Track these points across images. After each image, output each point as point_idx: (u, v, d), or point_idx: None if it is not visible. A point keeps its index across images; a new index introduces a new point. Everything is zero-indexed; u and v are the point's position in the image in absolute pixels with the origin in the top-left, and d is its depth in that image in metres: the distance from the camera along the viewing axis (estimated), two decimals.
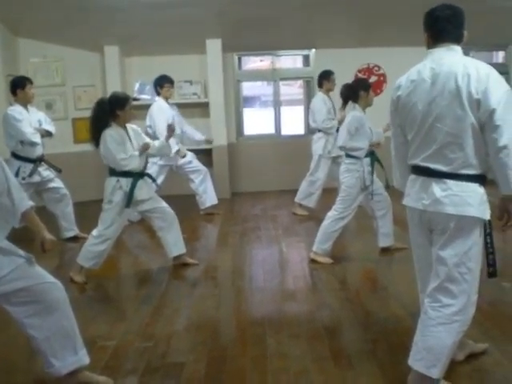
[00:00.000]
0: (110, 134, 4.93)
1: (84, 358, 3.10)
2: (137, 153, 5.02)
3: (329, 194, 6.89)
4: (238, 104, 9.52)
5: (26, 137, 6.01)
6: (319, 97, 7.55)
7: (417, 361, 2.79)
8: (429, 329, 2.77)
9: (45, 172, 6.24)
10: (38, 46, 8.41)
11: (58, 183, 6.43)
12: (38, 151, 6.15)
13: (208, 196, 7.70)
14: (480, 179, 2.71)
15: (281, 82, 9.72)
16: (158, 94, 7.45)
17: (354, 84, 5.61)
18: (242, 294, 4.73)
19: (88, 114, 5.11)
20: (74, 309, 4.33)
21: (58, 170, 6.30)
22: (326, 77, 7.57)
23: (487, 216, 2.72)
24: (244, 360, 3.43)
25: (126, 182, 4.99)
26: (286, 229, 6.86)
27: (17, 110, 6.10)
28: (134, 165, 4.98)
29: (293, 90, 11.09)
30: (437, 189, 2.72)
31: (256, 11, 7.87)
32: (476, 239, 2.72)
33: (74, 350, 3.06)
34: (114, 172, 5.02)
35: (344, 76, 7.50)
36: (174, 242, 5.37)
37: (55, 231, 6.55)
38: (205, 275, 5.25)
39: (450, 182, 2.69)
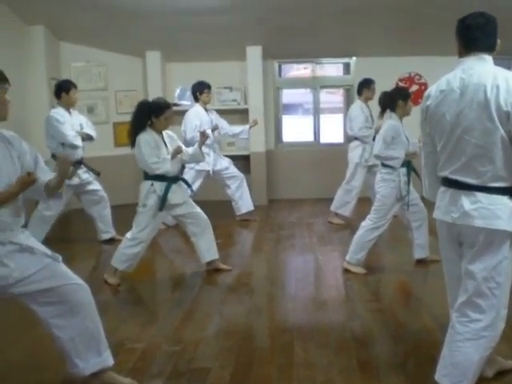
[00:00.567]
0: (145, 137, 4.99)
1: (108, 360, 3.13)
2: (169, 156, 5.05)
3: (365, 202, 6.82)
4: (277, 111, 9.52)
5: (67, 139, 6.13)
6: (357, 104, 7.51)
7: (443, 376, 2.74)
8: (456, 344, 2.71)
9: (84, 175, 6.35)
10: (80, 50, 8.58)
11: (96, 186, 6.54)
12: (79, 154, 6.26)
13: (244, 202, 7.71)
14: (510, 192, 2.64)
15: (321, 90, 9.69)
16: (196, 99, 7.50)
17: (393, 92, 5.54)
18: (272, 301, 4.72)
19: (129, 118, 5.18)
20: (105, 310, 4.43)
21: (97, 173, 6.40)
22: (366, 85, 7.51)
23: None
24: (270, 367, 3.42)
25: (159, 186, 5.04)
26: (320, 237, 6.82)
27: (59, 113, 6.24)
28: (165, 168, 5.01)
29: (333, 98, 11.03)
30: (466, 201, 2.66)
31: (296, 18, 7.87)
32: (506, 253, 2.65)
33: (98, 352, 3.09)
34: (148, 176, 5.07)
35: (384, 85, 7.42)
36: (207, 248, 5.39)
37: (92, 233, 6.70)
38: (237, 281, 5.25)
39: (480, 195, 2.63)
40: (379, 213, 5.30)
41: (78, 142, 6.20)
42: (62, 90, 6.28)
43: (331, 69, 10.19)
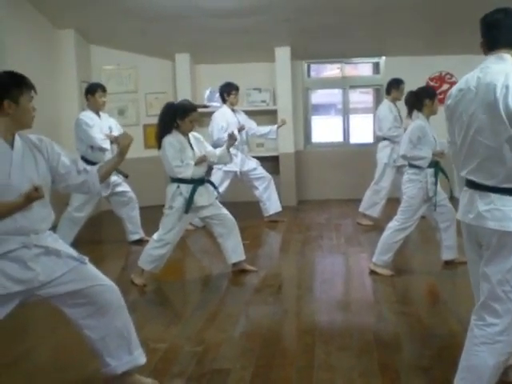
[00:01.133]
0: (170, 140, 5.03)
1: (139, 358, 3.17)
2: (192, 162, 5.08)
3: (394, 203, 6.74)
4: (306, 112, 9.51)
5: (95, 142, 6.21)
6: (385, 105, 7.44)
7: (460, 380, 2.70)
8: (473, 348, 2.67)
9: (112, 177, 6.40)
10: (111, 53, 8.71)
11: (125, 187, 6.62)
12: (107, 157, 6.32)
13: (272, 203, 7.72)
14: None
15: (350, 90, 9.64)
16: (224, 101, 7.54)
17: (419, 92, 5.46)
18: (297, 302, 4.71)
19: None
20: (131, 311, 4.44)
21: (125, 176, 6.45)
22: (395, 85, 7.45)
23: None
24: (290, 369, 3.42)
25: (185, 188, 5.07)
26: (348, 238, 6.78)
27: (88, 116, 6.33)
28: (187, 173, 5.05)
29: (362, 97, 10.95)
30: (480, 203, 2.62)
31: (324, 18, 7.84)
32: None
33: (129, 350, 3.13)
34: (174, 178, 5.12)
35: (415, 84, 7.23)
36: (233, 249, 5.41)
37: (122, 234, 6.78)
38: (263, 283, 5.26)
39: (494, 196, 2.58)
40: (406, 214, 5.25)
41: (106, 144, 6.28)
42: (88, 93, 6.38)
43: (360, 69, 10.12)
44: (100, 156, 6.24)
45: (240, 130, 7.29)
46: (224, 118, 7.38)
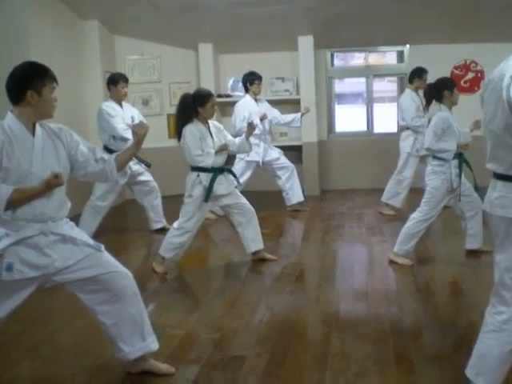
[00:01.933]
0: (191, 129, 5.07)
1: (152, 345, 3.23)
2: (213, 151, 5.12)
3: (416, 193, 6.70)
4: (329, 101, 9.47)
5: (117, 132, 6.27)
6: (407, 94, 7.36)
7: (470, 367, 2.70)
8: (483, 335, 2.67)
9: (134, 166, 6.48)
10: (134, 43, 8.77)
11: (147, 176, 6.68)
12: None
13: (294, 193, 7.71)
14: None
15: (374, 79, 9.56)
16: (247, 90, 7.55)
17: (438, 83, 5.39)
18: (315, 291, 4.73)
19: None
20: (152, 298, 4.58)
21: (148, 165, 6.51)
22: (419, 74, 7.35)
23: None
24: (305, 357, 3.43)
25: (205, 177, 5.11)
26: (370, 228, 6.76)
27: (110, 106, 6.40)
28: (208, 162, 5.09)
29: (386, 86, 10.86)
30: (492, 190, 2.62)
31: (347, 7, 7.80)
32: None
33: (142, 337, 3.19)
34: (194, 167, 5.16)
35: (439, 73, 7.15)
36: (252, 238, 5.44)
37: (145, 223, 6.86)
38: (282, 271, 5.28)
39: (500, 184, 2.57)
40: (429, 205, 5.21)
41: (128, 134, 6.30)
42: (110, 84, 6.44)
43: (385, 57, 10.04)
44: (122, 145, 6.25)
45: (262, 119, 7.30)
46: (246, 108, 7.39)
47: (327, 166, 9.24)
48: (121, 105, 6.49)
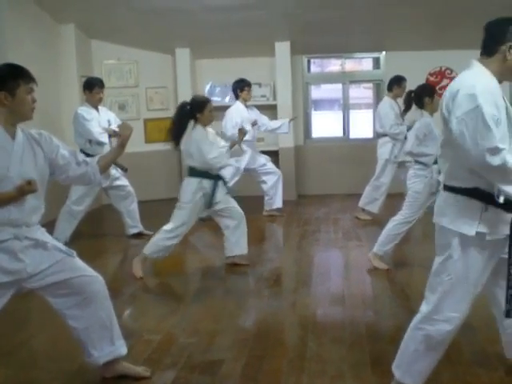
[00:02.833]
0: (201, 133, 5.14)
1: (121, 349, 3.22)
2: (224, 149, 5.21)
3: (393, 199, 6.77)
4: (306, 106, 9.53)
5: (93, 136, 6.25)
6: (386, 102, 7.42)
7: (395, 367, 2.89)
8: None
9: (111, 170, 6.43)
10: (111, 48, 8.73)
11: (123, 181, 6.64)
12: (105, 150, 6.35)
13: (276, 199, 7.75)
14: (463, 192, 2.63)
15: (350, 85, 9.65)
16: (237, 97, 7.58)
17: (418, 90, 5.50)
18: (292, 296, 4.74)
19: (159, 114, 5.30)
20: (129, 303, 4.56)
21: (124, 169, 6.48)
22: (398, 82, 7.42)
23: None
24: (282, 361, 3.45)
25: (208, 184, 5.16)
26: (346, 233, 6.80)
27: (86, 110, 6.37)
28: (224, 162, 5.22)
29: (362, 92, 10.97)
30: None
31: (324, 13, 7.86)
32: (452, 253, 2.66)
33: (111, 341, 3.18)
34: (196, 173, 5.18)
35: (415, 79, 7.33)
36: (237, 242, 5.43)
37: (121, 228, 6.82)
38: (258, 276, 5.31)
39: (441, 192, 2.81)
40: (412, 208, 5.25)
41: (104, 138, 6.31)
42: (86, 88, 6.42)
43: (361, 64, 10.13)
44: (98, 150, 6.26)
45: (253, 125, 7.37)
46: (238, 114, 7.41)
47: (304, 171, 9.28)
48: (97, 109, 6.47)
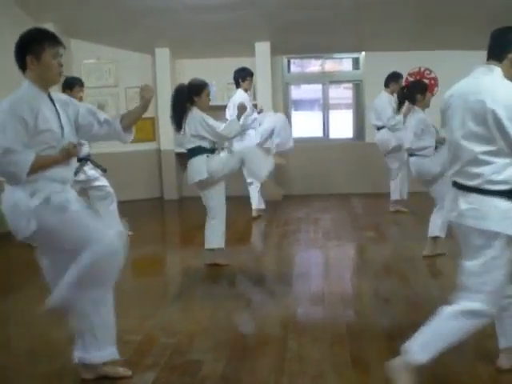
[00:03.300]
0: (201, 114, 5.16)
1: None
2: (234, 118, 5.35)
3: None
4: (286, 107, 9.54)
5: None
6: (385, 97, 7.61)
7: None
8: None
9: (90, 171, 6.39)
10: (91, 47, 8.68)
11: (102, 182, 6.58)
12: (85, 151, 6.30)
13: (261, 199, 7.78)
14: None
15: (330, 86, 9.68)
16: (238, 85, 7.59)
17: (410, 87, 5.68)
18: (272, 296, 4.74)
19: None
20: None
21: (104, 170, 6.45)
22: (394, 78, 7.66)
23: None
24: (262, 361, 3.45)
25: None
26: (326, 233, 6.82)
27: None
28: (235, 132, 5.28)
29: (342, 93, 11.03)
30: (461, 202, 2.91)
31: (305, 14, 7.88)
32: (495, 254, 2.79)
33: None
34: (200, 151, 5.20)
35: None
36: (211, 235, 5.45)
37: None
38: (239, 276, 5.31)
39: (473, 196, 2.85)
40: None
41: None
42: (66, 88, 6.35)
43: (341, 64, 10.18)
44: (81, 150, 6.21)
45: (259, 112, 7.50)
46: (242, 100, 7.38)
47: (284, 171, 9.27)
48: None
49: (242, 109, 5.53)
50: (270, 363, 3.42)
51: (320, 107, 9.96)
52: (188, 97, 5.18)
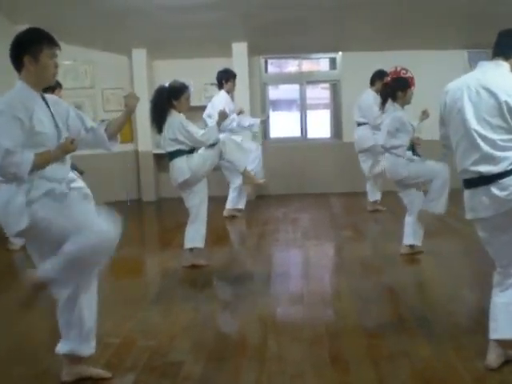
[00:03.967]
0: (180, 118, 5.13)
1: None
2: (213, 124, 5.29)
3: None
4: (264, 107, 9.55)
5: None
6: (371, 95, 7.55)
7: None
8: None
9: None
10: (67, 48, 8.43)
11: (80, 183, 6.52)
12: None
13: (241, 199, 7.76)
14: None
15: (308, 86, 9.72)
16: (221, 86, 7.56)
17: (392, 84, 5.66)
18: (251, 296, 4.72)
19: (116, 116, 5.19)
20: None
21: (81, 172, 6.39)
22: (380, 77, 7.53)
23: None
24: (242, 361, 3.45)
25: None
26: (304, 232, 6.84)
27: None
28: (215, 136, 5.21)
29: (320, 93, 11.08)
30: (500, 190, 3.01)
31: (282, 14, 7.90)
32: None
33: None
34: (180, 153, 5.17)
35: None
36: (193, 235, 5.42)
37: None
38: (217, 277, 5.32)
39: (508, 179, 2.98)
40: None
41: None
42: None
43: (318, 64, 10.22)
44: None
45: (239, 113, 7.47)
46: (223, 102, 7.36)
47: (262, 171, 9.28)
48: None
49: (222, 116, 5.48)
50: (250, 363, 3.42)
51: (298, 107, 9.99)
52: (167, 99, 5.14)
